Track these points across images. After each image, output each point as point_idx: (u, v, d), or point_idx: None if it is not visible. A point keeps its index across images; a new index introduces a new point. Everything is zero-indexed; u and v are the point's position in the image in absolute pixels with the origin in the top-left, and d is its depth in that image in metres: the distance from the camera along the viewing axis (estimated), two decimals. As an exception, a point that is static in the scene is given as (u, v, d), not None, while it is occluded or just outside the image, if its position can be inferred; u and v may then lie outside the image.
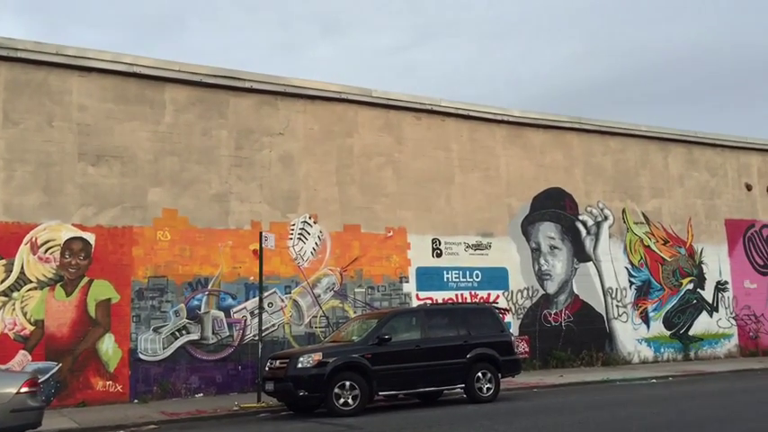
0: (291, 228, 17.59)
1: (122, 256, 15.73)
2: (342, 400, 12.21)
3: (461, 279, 19.67)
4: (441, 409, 12.87)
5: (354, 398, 12.26)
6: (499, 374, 13.95)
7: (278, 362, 12.76)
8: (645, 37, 67.22)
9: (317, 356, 12.34)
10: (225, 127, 17.16)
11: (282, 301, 17.21)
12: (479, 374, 13.59)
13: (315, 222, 17.88)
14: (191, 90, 16.91)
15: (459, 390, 13.85)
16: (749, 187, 25.07)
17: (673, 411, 11.15)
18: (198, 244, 16.45)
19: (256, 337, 16.05)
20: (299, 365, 12.29)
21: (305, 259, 17.62)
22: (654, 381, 17.37)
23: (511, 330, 19.94)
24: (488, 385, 13.65)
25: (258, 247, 15.09)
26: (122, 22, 63.30)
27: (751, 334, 24.13)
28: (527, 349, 20.14)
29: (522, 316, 20.36)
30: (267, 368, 13.07)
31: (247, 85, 17.38)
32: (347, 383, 12.26)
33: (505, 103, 22.70)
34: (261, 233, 14.97)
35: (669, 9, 68.41)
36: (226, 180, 16.99)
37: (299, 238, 17.63)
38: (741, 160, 25.14)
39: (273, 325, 17.01)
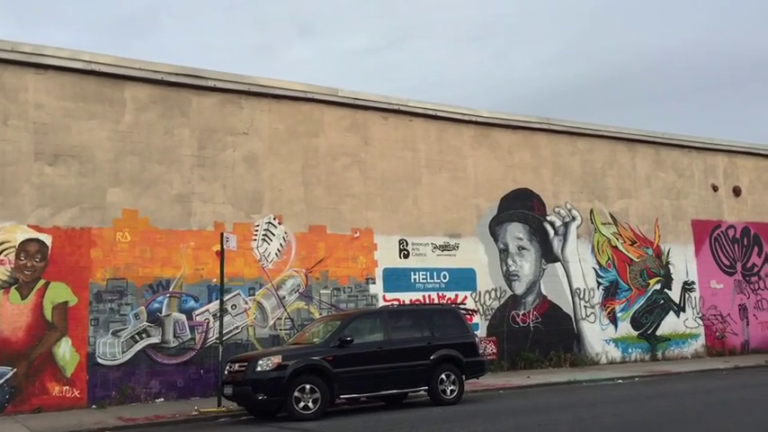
0: (256, 229, 17.33)
1: (80, 258, 15.35)
2: (302, 404, 12.00)
3: (429, 280, 19.54)
4: (403, 411, 12.71)
5: (315, 401, 12.05)
6: (463, 376, 13.82)
7: (237, 365, 12.51)
8: (618, 41, 67.87)
9: (277, 359, 12.12)
10: (187, 126, 16.85)
11: (246, 303, 16.94)
12: (443, 376, 13.47)
13: (279, 223, 17.64)
14: (152, 88, 16.58)
15: (424, 392, 13.70)
16: (715, 188, 25.29)
17: (634, 412, 11.10)
18: (159, 245, 16.12)
19: (218, 340, 15.80)
20: (258, 369, 12.06)
21: (269, 260, 17.37)
22: (620, 381, 17.40)
23: (478, 331, 19.90)
24: (452, 387, 13.52)
25: (228, 249, 14.81)
26: (95, 22, 62.43)
27: (717, 334, 24.33)
28: (495, 350, 20.07)
29: (489, 317, 20.29)
30: (226, 372, 12.82)
31: (210, 83, 17.10)
32: (307, 387, 12.05)
33: (479, 106, 22.55)
34: (222, 234, 14.70)
35: (642, 14, 69.15)
36: (188, 180, 16.68)
37: (264, 240, 17.38)
38: (707, 161, 25.36)
39: (237, 327, 16.74)
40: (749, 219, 25.88)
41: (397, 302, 18.57)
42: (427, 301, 19.27)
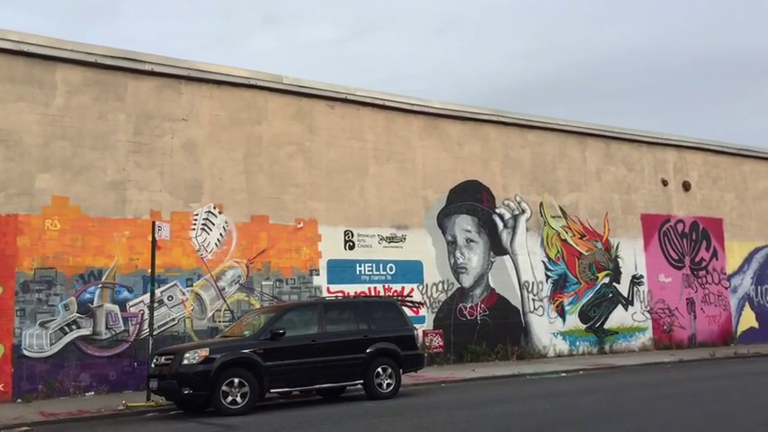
0: (194, 218, 16.82)
1: (6, 246, 14.70)
2: (230, 399, 11.60)
3: (375, 272, 19.25)
4: (336, 406, 12.40)
5: (244, 396, 11.66)
6: (401, 370, 13.56)
7: (163, 358, 12.06)
8: (585, 37, 68.32)
9: (204, 352, 11.70)
10: (123, 111, 16.25)
11: (183, 294, 16.44)
12: (379, 370, 13.19)
13: (220, 212, 17.16)
14: (85, 71, 15.94)
15: (361, 386, 13.41)
16: (665, 183, 25.45)
17: (567, 407, 10.96)
18: (91, 234, 15.53)
19: (154, 332, 15.30)
20: (185, 362, 11.62)
21: (209, 251, 16.89)
22: (564, 374, 17.33)
23: (425, 324, 19.72)
24: (388, 381, 13.25)
25: (160, 238, 14.27)
26: (53, 7, 60.68)
27: (665, 327, 24.52)
28: (441, 343, 19.85)
29: (436, 309, 20.08)
30: (153, 365, 12.36)
31: (147, 67, 16.51)
32: (236, 381, 11.65)
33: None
34: (153, 222, 14.18)
35: (608, 11, 69.68)
36: (123, 167, 16.10)
37: (203, 229, 16.88)
38: (658, 156, 25.50)
39: (173, 319, 16.24)
40: (698, 213, 26.12)
41: (341, 294, 18.22)
42: (373, 294, 18.98)
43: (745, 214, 27.38)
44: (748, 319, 26.70)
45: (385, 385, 13.20)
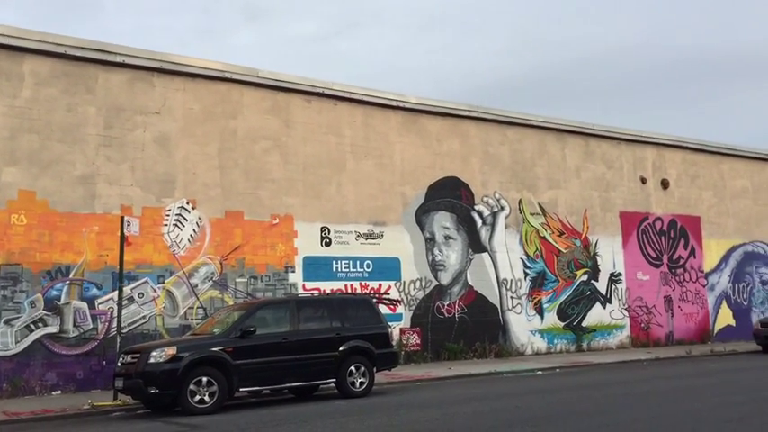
0: (167, 213, 16.51)
1: (-30, 242, 14.32)
2: (197, 398, 11.34)
3: (351, 269, 19.04)
4: (307, 404, 12.18)
5: (212, 395, 11.41)
6: (374, 368, 13.37)
7: (129, 356, 11.77)
8: (568, 35, 68.44)
9: (171, 351, 11.42)
10: (93, 104, 15.90)
11: (155, 291, 16.13)
12: (352, 368, 12.98)
13: (193, 208, 16.86)
14: (54, 63, 15.57)
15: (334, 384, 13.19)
16: (644, 180, 25.45)
17: (538, 405, 10.83)
18: (59, 229, 15.18)
19: (123, 330, 15.00)
20: (151, 360, 11.34)
21: (181, 247, 16.59)
22: (540, 372, 17.23)
23: (402, 322, 19.56)
24: (362, 379, 13.05)
25: (129, 234, 13.96)
26: (31, 1, 59.73)
27: (642, 325, 24.53)
28: (419, 341, 19.72)
29: (414, 307, 19.91)
30: (119, 363, 12.06)
31: (119, 59, 16.17)
32: (204, 379, 11.39)
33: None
34: (122, 218, 13.85)
35: (590, 9, 69.85)
36: (93, 161, 15.76)
37: (176, 225, 16.58)
38: (637, 154, 25.49)
39: (144, 317, 15.93)
40: (676, 211, 26.15)
41: (317, 292, 18.01)
42: (349, 291, 18.77)
43: (723, 212, 27.48)
44: (725, 317, 26.79)
45: (358, 384, 13.00)
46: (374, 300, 14.74)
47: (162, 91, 16.76)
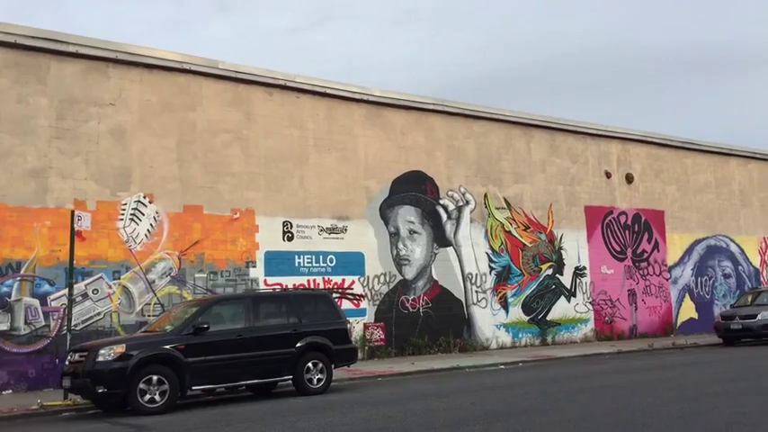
0: (123, 207, 16.15)
1: None
2: (148, 397, 11.07)
3: (314, 264, 18.83)
4: (263, 402, 11.99)
5: (163, 394, 11.15)
6: (332, 364, 13.20)
7: (77, 355, 11.45)
8: (542, 31, 68.68)
9: (120, 349, 11.14)
10: (45, 95, 15.46)
11: (110, 287, 15.78)
12: (309, 365, 12.80)
13: (150, 202, 16.51)
14: (4, 52, 15.13)
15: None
16: (609, 175, 25.57)
17: (493, 400, 10.75)
18: (8, 224, 14.75)
19: (77, 327, 14.68)
20: (100, 359, 11.04)
21: (138, 242, 16.24)
22: (502, 367, 17.20)
23: (366, 317, 19.42)
24: (319, 376, 12.87)
25: (80, 228, 13.61)
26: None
27: (607, 318, 24.68)
28: (383, 336, 19.60)
29: (378, 302, 19.77)
30: (67, 362, 11.73)
31: (72, 49, 15.74)
32: (154, 378, 11.13)
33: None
34: (73, 212, 13.48)
35: (566, 5, 70.16)
36: (45, 154, 15.33)
37: (132, 219, 16.22)
38: (602, 148, 25.58)
39: (99, 314, 15.58)
40: (640, 206, 26.34)
41: (279, 287, 17.75)
42: (312, 286, 18.58)
43: (687, 206, 27.74)
44: (688, 310, 27.09)
45: (315, 381, 12.82)
46: (334, 295, 14.49)
47: (117, 82, 16.36)
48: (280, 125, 18.69)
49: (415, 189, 20.95)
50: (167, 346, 11.46)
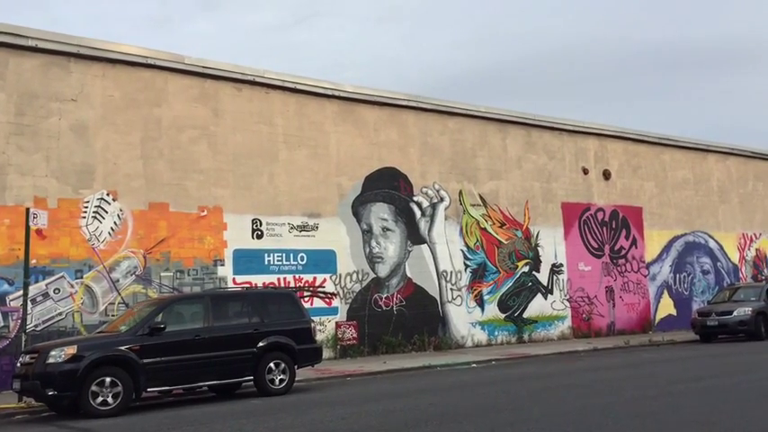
0: (85, 205, 15.80)
1: None
2: (100, 399, 10.76)
3: (284, 262, 18.54)
4: (221, 404, 11.71)
5: (116, 396, 10.84)
6: (296, 365, 12.93)
7: (28, 357, 11.13)
8: (526, 28, 68.58)
9: (71, 350, 10.83)
10: (3, 90, 15.10)
11: (72, 286, 15.43)
12: (271, 365, 12.52)
13: (114, 199, 16.17)
14: (-40, 46, 14.72)
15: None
16: (586, 171, 25.42)
17: (455, 401, 10.53)
18: (-35, 222, 14.37)
19: (38, 328, 14.35)
20: (50, 361, 10.72)
21: (101, 240, 15.89)
22: (474, 365, 16.99)
23: (338, 316, 19.17)
24: (281, 377, 12.60)
25: (36, 226, 13.27)
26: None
27: (584, 316, 24.54)
28: (355, 335, 19.34)
29: (350, 300, 19.50)
30: (18, 364, 11.41)
31: (31, 43, 15.36)
32: (107, 380, 10.82)
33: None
34: (28, 209, 13.13)
35: (548, 3, 70.11)
36: (3, 150, 14.96)
37: (95, 217, 15.87)
38: (579, 144, 25.42)
39: (61, 314, 15.23)
40: (618, 202, 26.21)
41: (248, 285, 17.44)
42: (282, 285, 18.30)
43: (665, 203, 27.65)
44: (667, 307, 27.00)
45: (277, 381, 12.55)
46: (305, 294, 14.21)
47: (79, 77, 16.00)
48: (248, 121, 18.38)
49: (388, 186, 20.70)
50: (121, 347, 11.16)
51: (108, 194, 16.08)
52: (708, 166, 29.42)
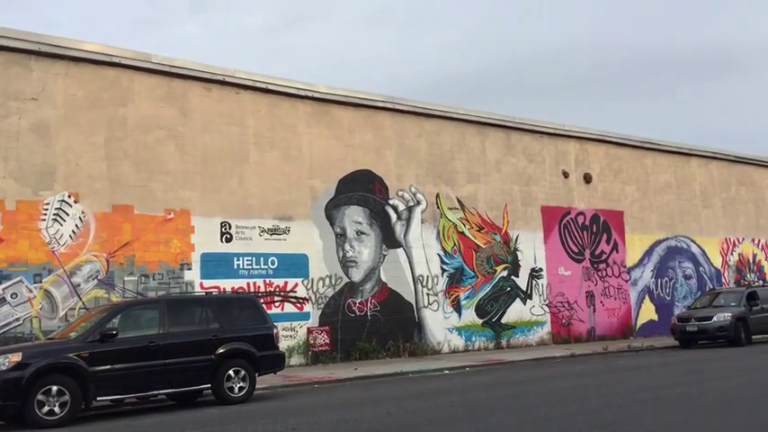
0: (45, 207, 15.34)
1: None
2: (46, 409, 10.32)
3: (254, 266, 18.12)
4: (175, 413, 11.28)
5: (63, 405, 10.40)
6: (256, 372, 12.52)
7: (-29, 365, 10.66)
8: (515, 31, 68.44)
9: (16, 357, 10.37)
10: (-41, 88, 14.64)
11: (30, 291, 14.96)
12: (231, 372, 12.11)
13: (76, 201, 15.72)
14: None
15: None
16: (566, 175, 25.13)
17: (413, 410, 10.15)
18: None
19: (-7, 334, 13.86)
20: (-7, 369, 10.28)
21: (62, 243, 15.44)
22: (447, 372, 16.63)
23: (310, 321, 18.77)
24: (241, 384, 12.19)
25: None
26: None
27: (564, 321, 24.21)
28: (327, 341, 18.94)
29: (323, 305, 19.10)
30: (-37, 372, 10.92)
31: (-10, 40, 14.92)
32: (54, 389, 10.37)
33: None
34: (-21, 212, 12.69)
35: (540, 4, 70.01)
36: (-41, 150, 14.50)
37: (55, 220, 15.42)
38: (559, 147, 25.13)
39: (18, 319, 14.76)
40: (599, 206, 25.93)
41: (216, 290, 17.04)
42: (252, 289, 17.88)
43: (647, 207, 27.40)
44: (648, 312, 26.72)
45: (237, 389, 12.14)
46: (276, 299, 13.80)
47: (40, 75, 15.56)
48: (218, 122, 17.98)
49: (362, 189, 20.32)
50: (69, 355, 10.72)
51: (69, 196, 15.63)
52: (690, 170, 29.20)
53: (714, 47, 68.48)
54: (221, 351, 12.09)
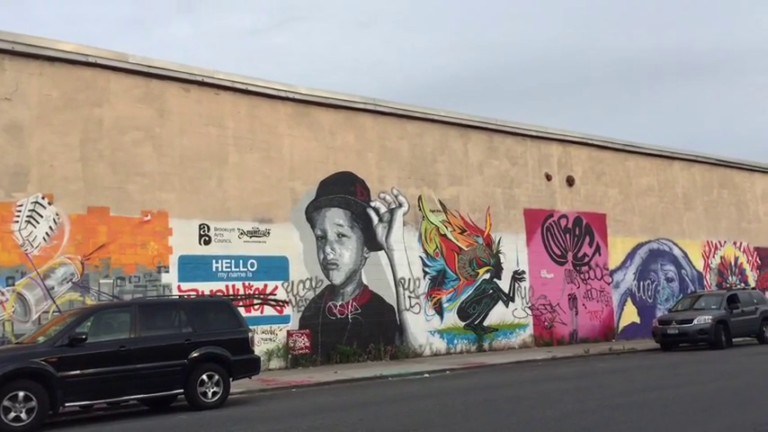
0: (18, 209, 15.09)
1: None
2: (12, 415, 10.10)
3: (233, 269, 17.94)
4: (145, 419, 11.10)
5: (30, 411, 10.19)
6: (230, 377, 12.35)
7: (-61, 370, 10.43)
8: (500, 36, 68.58)
9: (-19, 362, 10.17)
10: (-70, 87, 14.38)
11: (3, 294, 14.71)
12: (204, 377, 11.92)
13: (50, 203, 15.48)
14: None
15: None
16: (549, 177, 25.09)
17: (386, 416, 10.02)
18: None
19: (-37, 338, 13.59)
20: (-41, 374, 10.06)
21: (35, 246, 15.20)
22: (427, 375, 16.52)
23: (290, 324, 18.61)
24: (215, 389, 12.00)
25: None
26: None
27: (546, 324, 24.17)
28: (308, 344, 18.78)
29: (303, 308, 18.94)
30: (-73, 377, 10.68)
31: (-39, 39, 14.67)
32: (21, 394, 10.16)
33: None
34: (-53, 213, 12.45)
35: (527, 8, 70.20)
36: (-71, 151, 14.24)
37: (28, 222, 15.17)
38: (542, 150, 25.10)
39: (-11, 322, 14.50)
40: (582, 209, 25.92)
41: (194, 293, 16.83)
42: (231, 292, 17.69)
43: (629, 210, 27.43)
44: (630, 314, 26.74)
45: (210, 394, 11.95)
46: (255, 301, 13.62)
47: (14, 75, 15.32)
48: (197, 123, 17.78)
49: (344, 191, 20.18)
50: (36, 359, 10.51)
51: (43, 198, 15.39)
52: (673, 173, 29.27)
53: (695, 52, 68.97)
54: (194, 355, 11.92)
